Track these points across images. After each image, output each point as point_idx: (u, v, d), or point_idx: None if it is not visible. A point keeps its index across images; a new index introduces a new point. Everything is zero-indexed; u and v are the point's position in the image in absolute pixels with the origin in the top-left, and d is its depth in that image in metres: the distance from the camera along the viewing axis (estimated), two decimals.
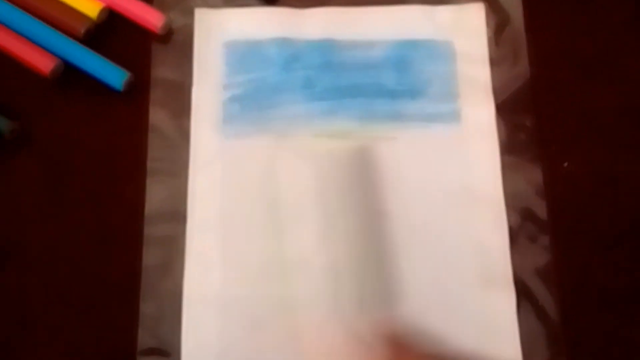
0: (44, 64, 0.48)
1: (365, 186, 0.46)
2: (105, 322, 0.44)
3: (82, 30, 0.49)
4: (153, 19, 0.49)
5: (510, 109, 0.48)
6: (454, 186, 0.46)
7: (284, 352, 0.43)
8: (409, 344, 0.42)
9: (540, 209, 0.46)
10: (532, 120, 0.48)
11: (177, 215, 0.45)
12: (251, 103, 0.47)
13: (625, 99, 0.49)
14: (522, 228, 0.46)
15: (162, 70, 0.49)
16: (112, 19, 0.50)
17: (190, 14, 0.50)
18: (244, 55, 0.49)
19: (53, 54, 0.48)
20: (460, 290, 0.44)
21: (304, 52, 0.49)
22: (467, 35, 0.49)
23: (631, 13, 0.50)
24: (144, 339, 0.43)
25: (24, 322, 0.44)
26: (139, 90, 0.48)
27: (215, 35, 0.49)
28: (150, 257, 0.45)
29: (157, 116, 0.48)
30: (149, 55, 0.49)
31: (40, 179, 0.47)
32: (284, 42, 0.49)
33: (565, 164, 0.47)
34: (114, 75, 0.48)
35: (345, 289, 0.44)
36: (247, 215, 0.45)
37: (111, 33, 0.50)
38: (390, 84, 0.48)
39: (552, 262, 0.45)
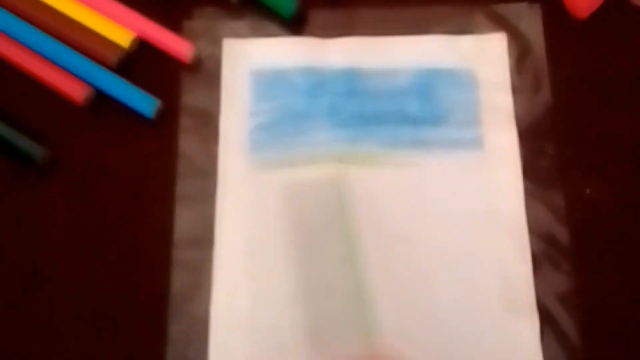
0: (77, 92, 0.49)
1: (384, 212, 0.46)
2: (133, 346, 0.44)
3: (114, 59, 0.49)
4: (182, 48, 0.50)
5: (533, 136, 0.48)
6: (477, 212, 0.46)
7: None
8: None
9: (563, 235, 0.46)
10: (554, 146, 0.48)
11: (205, 241, 0.46)
12: (277, 130, 0.48)
13: None
14: (545, 254, 0.45)
15: (191, 99, 0.49)
16: (142, 48, 0.51)
17: (218, 44, 0.50)
18: (270, 83, 0.49)
19: (86, 82, 0.49)
20: (483, 317, 0.44)
21: (328, 80, 0.49)
22: (490, 64, 0.50)
23: None
24: None
25: (53, 343, 0.44)
26: (168, 118, 0.49)
27: (242, 64, 0.50)
28: (178, 281, 0.45)
29: (186, 143, 0.48)
30: (178, 83, 0.50)
31: (71, 204, 0.47)
32: (309, 71, 0.49)
33: (588, 191, 0.47)
34: (145, 103, 0.49)
35: (369, 314, 0.44)
36: (273, 242, 0.45)
37: (142, 62, 0.50)
38: (413, 112, 0.49)
39: (575, 289, 0.45)
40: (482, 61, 0.50)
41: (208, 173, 0.47)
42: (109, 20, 0.51)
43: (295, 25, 0.51)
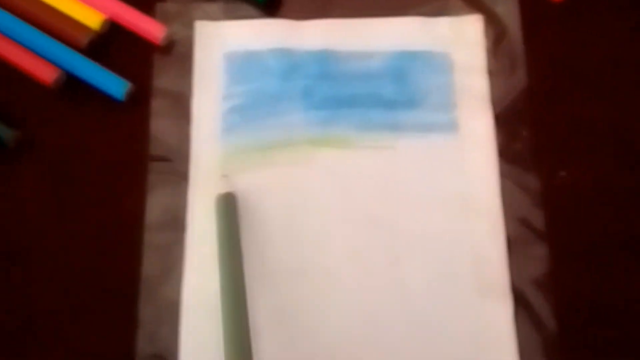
0: (47, 74, 0.48)
1: (357, 195, 0.46)
2: (105, 327, 0.44)
3: (84, 41, 0.49)
4: (154, 30, 0.50)
5: (508, 119, 0.48)
6: (452, 195, 0.46)
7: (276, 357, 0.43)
8: None
9: (538, 219, 0.46)
10: (529, 130, 0.48)
11: (177, 224, 0.46)
12: (251, 112, 0.48)
13: (622, 110, 0.49)
14: (520, 237, 0.45)
15: (163, 81, 0.49)
16: (113, 30, 0.50)
17: (191, 26, 0.50)
18: (243, 65, 0.49)
19: (55, 64, 0.49)
20: (456, 300, 0.44)
21: (302, 62, 0.49)
22: (465, 46, 0.50)
23: (629, 26, 0.51)
24: (143, 344, 0.43)
25: (27, 323, 0.44)
26: (140, 101, 0.49)
27: (215, 46, 0.50)
28: (149, 264, 0.45)
29: (158, 126, 0.48)
30: (150, 66, 0.49)
31: (42, 186, 0.47)
32: (283, 53, 0.49)
33: (562, 173, 0.47)
34: (116, 86, 0.48)
35: (342, 296, 0.44)
36: (246, 219, 0.45)
37: (113, 44, 0.50)
38: (388, 94, 0.48)
39: (549, 272, 0.45)
40: (457, 44, 0.50)
41: (180, 156, 0.47)
42: (79, 1, 0.50)
43: (269, 7, 0.51)
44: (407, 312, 0.43)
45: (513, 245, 0.45)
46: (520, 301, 0.44)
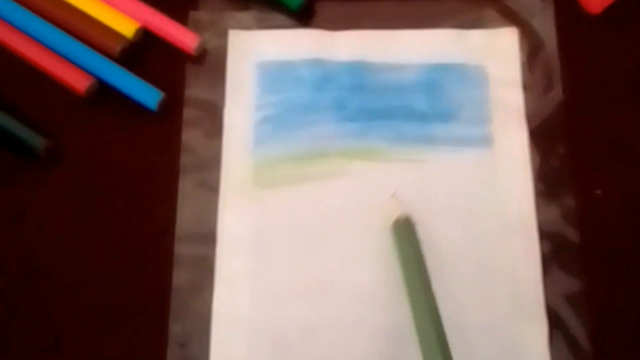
0: (79, 83, 0.49)
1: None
2: (134, 342, 0.44)
3: (117, 49, 0.49)
4: (187, 39, 0.50)
5: (543, 135, 0.48)
6: (485, 211, 0.46)
7: None
8: None
9: (573, 237, 0.46)
10: (565, 146, 0.48)
11: (208, 236, 0.46)
12: (283, 123, 0.48)
13: None
14: (555, 256, 0.45)
15: (195, 91, 0.50)
16: (147, 39, 0.51)
17: (224, 36, 0.51)
18: (276, 75, 0.50)
19: (88, 72, 0.49)
20: (491, 320, 0.44)
21: (335, 73, 0.49)
22: (500, 59, 0.50)
23: None
24: (172, 358, 0.43)
25: (51, 338, 0.45)
26: (172, 110, 0.49)
27: (248, 56, 0.50)
28: (180, 277, 0.45)
29: (190, 136, 0.48)
30: (182, 75, 0.50)
31: (72, 196, 0.47)
32: (315, 63, 0.50)
33: (598, 191, 0.47)
34: (148, 95, 0.49)
35: (371, 312, 0.44)
36: (276, 238, 0.46)
37: (146, 53, 0.50)
38: (421, 107, 0.49)
39: (585, 291, 0.45)
40: (492, 56, 0.50)
41: (211, 166, 0.47)
42: (113, 9, 0.51)
43: (302, 17, 0.51)
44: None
45: (548, 264, 0.45)
46: (555, 321, 0.44)
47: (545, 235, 0.46)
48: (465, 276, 0.45)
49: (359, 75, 0.49)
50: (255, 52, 0.50)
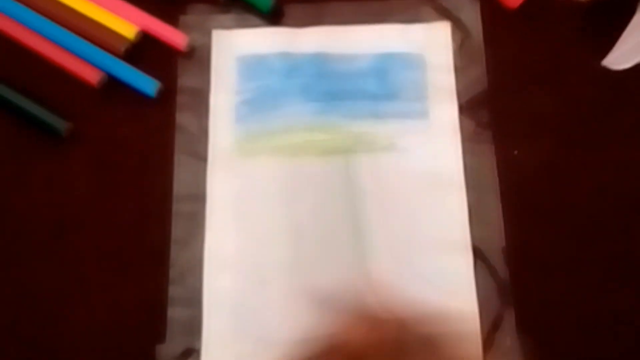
0: (92, 76, 0.52)
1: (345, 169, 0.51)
2: (142, 283, 0.49)
3: (122, 48, 0.53)
4: (178, 39, 0.54)
5: (472, 108, 0.53)
6: (423, 171, 0.51)
7: (284, 303, 0.48)
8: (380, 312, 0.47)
9: (495, 189, 0.51)
10: (489, 116, 0.53)
11: (199, 196, 0.50)
12: (258, 105, 0.53)
13: (566, 99, 0.53)
14: (480, 204, 0.51)
15: (186, 80, 0.53)
16: (145, 39, 0.54)
17: (209, 35, 0.54)
18: (252, 66, 0.54)
19: (99, 67, 0.53)
20: (427, 255, 0.49)
21: (301, 63, 0.54)
22: (436, 48, 0.54)
23: (571, 28, 0.55)
24: (173, 292, 0.48)
25: (77, 281, 0.49)
26: (167, 97, 0.52)
27: (229, 51, 0.54)
28: (178, 229, 0.50)
29: (183, 117, 0.52)
30: (175, 68, 0.53)
31: (89, 167, 0.51)
32: (284, 55, 0.54)
33: (515, 152, 0.52)
34: (148, 85, 0.52)
35: (334, 254, 0.50)
36: (255, 194, 0.51)
37: (145, 50, 0.54)
38: (371, 89, 0.53)
39: (504, 233, 0.50)
40: (429, 46, 0.54)
41: (201, 141, 0.51)
42: (117, 16, 0.54)
43: (273, 17, 0.55)
44: (386, 265, 0.49)
45: (474, 211, 0.51)
46: (479, 255, 0.49)
47: (472, 188, 0.51)
48: (406, 221, 0.50)
49: (320, 65, 0.54)
50: (235, 48, 0.54)
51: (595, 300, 0.49)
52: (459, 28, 0.55)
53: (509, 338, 0.48)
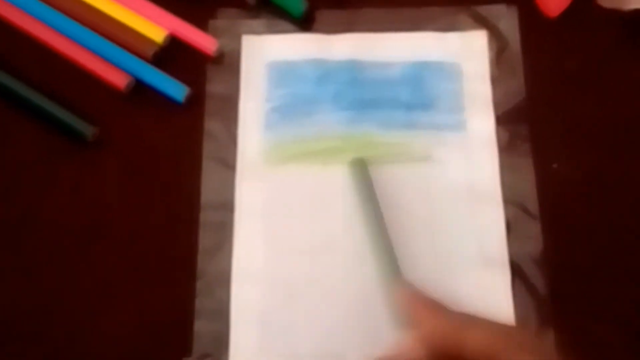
0: (120, 80, 0.53)
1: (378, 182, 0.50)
2: (169, 291, 0.48)
3: (150, 53, 0.53)
4: (207, 43, 0.54)
5: (509, 119, 0.52)
6: (459, 184, 0.51)
7: (313, 318, 0.48)
8: (426, 301, 0.44)
9: (533, 203, 0.50)
10: (527, 128, 0.52)
11: (227, 205, 0.50)
12: (289, 113, 0.53)
13: (606, 110, 0.53)
14: (517, 219, 0.50)
15: (215, 86, 0.53)
16: (174, 43, 0.55)
17: (239, 40, 0.54)
18: (283, 73, 0.54)
19: (127, 72, 0.53)
20: (462, 271, 0.49)
21: (333, 70, 0.54)
22: (472, 57, 0.54)
23: (612, 38, 0.55)
24: (200, 304, 0.48)
25: (104, 288, 0.49)
26: (196, 102, 0.53)
27: (259, 57, 0.54)
28: (205, 239, 0.49)
29: (211, 124, 0.52)
30: (204, 73, 0.53)
31: (115, 173, 0.52)
32: (316, 62, 0.54)
33: (555, 165, 0.51)
34: (176, 90, 0.53)
35: (365, 267, 0.48)
36: (284, 206, 0.50)
37: (173, 55, 0.54)
38: (406, 98, 0.53)
39: (542, 248, 0.49)
40: (465, 55, 0.54)
41: (229, 149, 0.51)
42: (147, 20, 0.55)
43: (304, 23, 0.55)
44: (427, 280, 0.47)
45: (513, 226, 0.50)
46: (518, 272, 0.49)
47: (511, 202, 0.50)
48: (442, 237, 0.49)
49: (353, 72, 0.54)
50: (265, 54, 0.54)
51: None
52: (496, 37, 0.55)
53: None
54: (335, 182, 0.51)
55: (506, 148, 0.52)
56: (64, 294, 0.49)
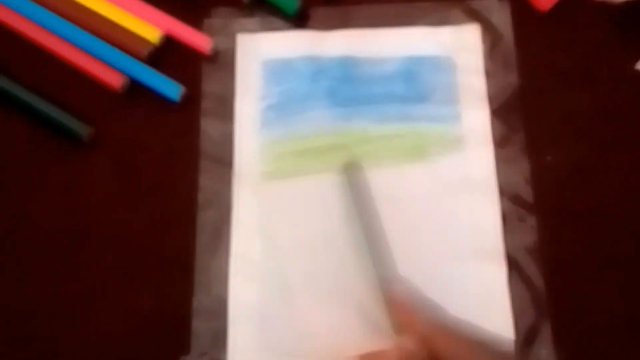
0: (115, 80, 0.53)
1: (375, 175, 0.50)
2: (165, 290, 0.48)
3: (145, 52, 0.53)
4: (202, 42, 0.54)
5: (504, 112, 0.52)
6: (454, 176, 0.51)
7: (311, 316, 0.48)
8: (413, 306, 0.45)
9: (528, 195, 0.50)
10: (521, 120, 0.52)
11: (224, 203, 0.50)
12: (284, 110, 0.53)
13: (599, 102, 0.53)
14: (513, 211, 0.50)
15: (210, 85, 0.53)
16: (169, 43, 0.55)
17: (233, 38, 0.54)
18: (277, 71, 0.54)
19: (122, 72, 0.53)
20: (458, 264, 0.49)
21: (327, 67, 0.54)
22: (465, 51, 0.54)
23: (603, 31, 0.55)
24: (198, 302, 0.48)
25: (101, 287, 0.49)
26: (191, 102, 0.53)
27: (253, 55, 0.54)
28: (202, 237, 0.49)
29: (207, 122, 0.52)
30: (199, 72, 0.53)
31: (110, 173, 0.52)
32: (310, 59, 0.54)
33: (549, 157, 0.52)
34: (171, 89, 0.53)
35: (363, 265, 0.48)
36: (282, 204, 0.50)
37: (168, 54, 0.54)
38: (400, 93, 0.53)
39: (538, 240, 0.49)
40: (459, 49, 0.54)
41: (225, 147, 0.51)
42: (141, 20, 0.55)
43: (298, 20, 0.55)
44: (421, 272, 0.48)
45: (507, 217, 0.50)
46: (514, 264, 0.49)
47: (505, 194, 0.50)
48: (438, 229, 0.49)
49: (347, 68, 0.54)
50: (259, 52, 0.54)
51: (636, 310, 0.48)
52: (489, 31, 0.55)
53: (544, 350, 0.47)
54: (331, 178, 0.51)
55: (500, 140, 0.52)
56: (57, 294, 0.49)
